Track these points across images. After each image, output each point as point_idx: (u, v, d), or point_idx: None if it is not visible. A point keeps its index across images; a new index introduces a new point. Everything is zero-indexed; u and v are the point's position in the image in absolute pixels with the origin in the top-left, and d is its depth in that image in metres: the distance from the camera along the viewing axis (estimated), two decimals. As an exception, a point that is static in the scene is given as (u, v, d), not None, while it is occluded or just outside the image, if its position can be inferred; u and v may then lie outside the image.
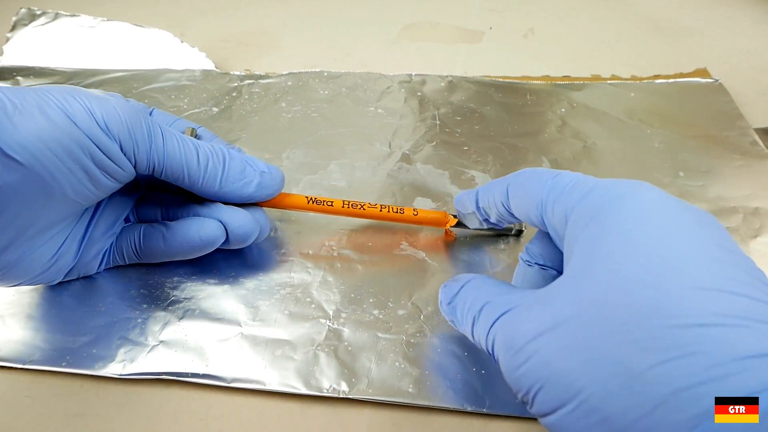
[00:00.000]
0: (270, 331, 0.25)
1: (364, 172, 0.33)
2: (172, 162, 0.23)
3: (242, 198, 0.25)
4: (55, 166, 0.20)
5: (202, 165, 0.24)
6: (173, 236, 0.25)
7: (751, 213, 0.30)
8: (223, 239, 0.25)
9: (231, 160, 0.25)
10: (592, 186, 0.19)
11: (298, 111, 0.37)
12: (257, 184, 0.25)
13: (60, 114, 0.21)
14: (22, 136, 0.20)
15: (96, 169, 0.22)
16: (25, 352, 0.24)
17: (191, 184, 0.24)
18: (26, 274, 0.23)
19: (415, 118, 0.37)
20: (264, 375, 0.23)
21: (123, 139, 0.22)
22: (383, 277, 0.27)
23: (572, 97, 0.39)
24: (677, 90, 0.40)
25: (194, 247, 0.25)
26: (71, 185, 0.21)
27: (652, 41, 0.46)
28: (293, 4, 0.51)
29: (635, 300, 0.15)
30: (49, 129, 0.20)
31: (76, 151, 0.21)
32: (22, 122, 0.20)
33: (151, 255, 0.26)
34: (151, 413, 0.23)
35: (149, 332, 0.25)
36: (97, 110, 0.21)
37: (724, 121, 0.37)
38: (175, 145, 0.24)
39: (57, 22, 0.43)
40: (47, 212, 0.22)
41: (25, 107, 0.20)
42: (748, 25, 0.48)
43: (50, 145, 0.20)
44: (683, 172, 0.33)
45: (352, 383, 0.23)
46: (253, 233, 0.26)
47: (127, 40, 0.42)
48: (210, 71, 0.41)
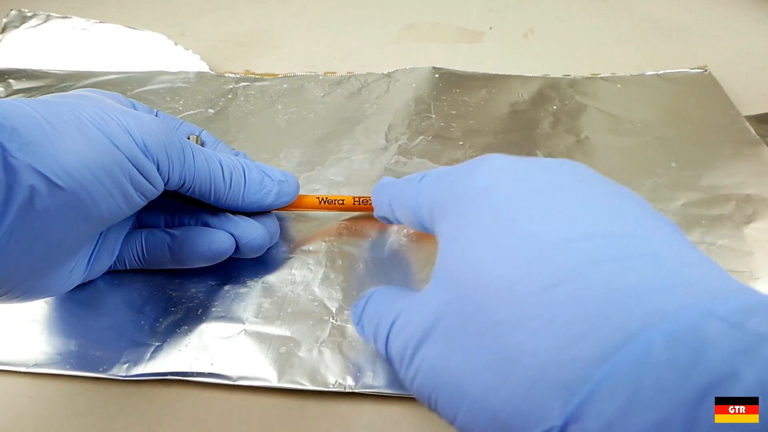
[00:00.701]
0: (274, 328, 0.25)
1: (362, 165, 0.33)
2: (200, 179, 0.24)
3: (262, 208, 0.26)
4: (96, 190, 0.20)
5: (227, 180, 0.24)
6: (180, 247, 0.25)
7: (743, 200, 0.31)
8: (233, 250, 0.25)
9: (249, 172, 0.25)
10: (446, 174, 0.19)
11: (295, 112, 0.38)
12: (276, 193, 0.26)
13: (99, 135, 0.20)
14: (65, 160, 0.19)
15: (132, 189, 0.21)
16: (29, 356, 0.24)
17: (216, 199, 0.25)
18: (44, 293, 0.23)
19: (410, 112, 0.37)
20: (269, 372, 0.23)
21: (160, 158, 0.22)
22: (384, 273, 0.27)
23: (564, 93, 0.39)
24: (666, 82, 0.40)
25: (203, 259, 0.25)
26: (108, 207, 0.21)
27: (652, 41, 0.47)
28: (293, 4, 0.51)
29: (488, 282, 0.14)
30: (91, 152, 0.20)
31: (117, 174, 0.21)
32: (63, 145, 0.19)
33: (155, 263, 0.26)
34: (151, 413, 0.23)
35: (153, 333, 0.25)
36: (135, 130, 0.21)
37: (715, 110, 0.38)
38: (204, 162, 0.24)
39: (48, 24, 0.42)
40: (80, 235, 0.22)
41: (63, 128, 0.20)
42: (748, 25, 0.48)
43: (93, 169, 0.20)
44: (675, 162, 0.34)
45: (357, 377, 0.23)
46: (265, 244, 0.26)
47: (120, 43, 0.42)
48: (204, 73, 0.41)
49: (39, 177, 0.19)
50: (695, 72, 0.41)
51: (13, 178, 0.18)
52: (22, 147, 0.18)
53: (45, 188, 0.19)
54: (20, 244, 0.19)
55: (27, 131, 0.19)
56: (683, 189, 0.32)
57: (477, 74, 0.41)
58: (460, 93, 0.39)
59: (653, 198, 0.31)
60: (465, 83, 0.40)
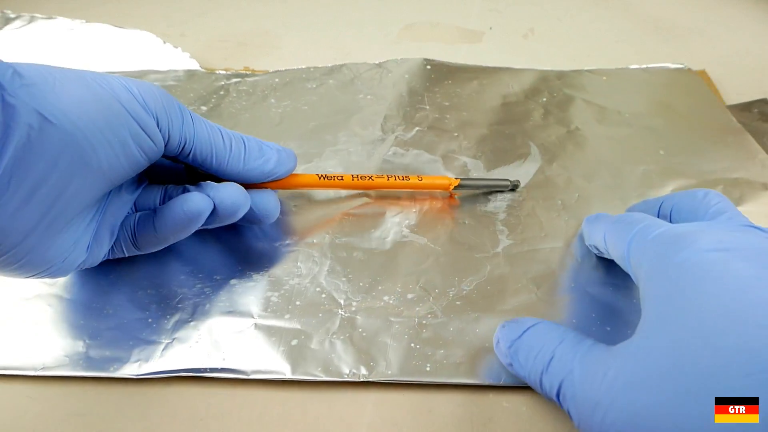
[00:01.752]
0: (284, 321, 0.25)
1: (360, 157, 0.34)
2: (201, 141, 0.24)
3: (264, 174, 0.26)
4: (95, 136, 0.20)
5: (227, 145, 0.25)
6: (162, 219, 0.25)
7: (731, 183, 0.32)
8: (209, 211, 0.25)
9: (248, 141, 0.26)
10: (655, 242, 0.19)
11: (288, 106, 0.38)
12: (276, 160, 0.27)
13: (98, 87, 0.21)
14: (64, 104, 0.20)
15: (132, 142, 0.22)
16: (36, 359, 0.24)
17: (218, 164, 0.25)
18: (44, 264, 0.22)
19: (404, 103, 0.38)
20: (283, 365, 0.23)
21: (159, 114, 0.22)
22: (388, 264, 0.28)
23: (552, 85, 0.40)
24: (650, 75, 0.42)
25: (180, 222, 0.24)
26: (107, 158, 0.21)
27: (652, 41, 0.47)
28: (293, 4, 0.51)
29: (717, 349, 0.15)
30: (91, 100, 0.20)
31: (116, 123, 0.21)
32: (63, 91, 0.20)
33: (146, 243, 0.25)
34: (151, 413, 0.23)
35: (161, 331, 0.25)
36: (134, 87, 0.22)
37: (698, 100, 0.39)
38: (203, 126, 0.24)
39: (33, 25, 0.42)
40: (82, 187, 0.21)
41: (64, 78, 0.20)
42: (748, 25, 0.49)
43: (91, 114, 0.20)
44: (663, 150, 0.35)
45: (370, 367, 0.23)
46: (242, 205, 0.25)
47: (108, 42, 0.41)
48: (195, 71, 0.40)
49: (37, 116, 0.19)
50: (675, 67, 0.42)
51: (11, 116, 0.18)
52: (22, 87, 0.19)
53: (43, 128, 0.19)
54: (20, 188, 0.19)
55: (29, 75, 0.19)
56: (673, 176, 0.33)
57: (468, 66, 0.41)
58: (452, 85, 0.40)
59: (645, 185, 0.32)
60: (456, 75, 0.41)
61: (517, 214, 0.30)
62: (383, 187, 0.30)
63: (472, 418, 0.22)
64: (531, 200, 0.31)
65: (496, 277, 0.27)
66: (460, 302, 0.26)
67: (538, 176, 0.33)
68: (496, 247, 0.29)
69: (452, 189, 0.31)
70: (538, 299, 0.26)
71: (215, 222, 0.26)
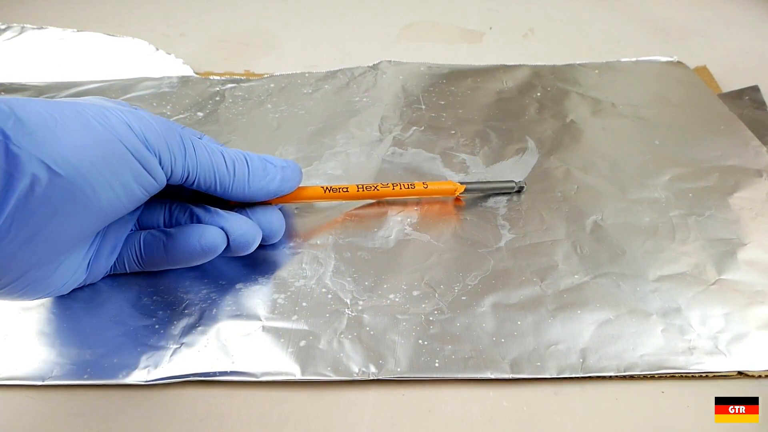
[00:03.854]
0: (291, 323, 0.25)
1: (359, 158, 0.34)
2: (204, 171, 0.24)
3: (269, 194, 0.26)
4: (96, 180, 0.20)
5: (230, 169, 0.25)
6: (174, 244, 0.25)
7: (725, 171, 0.32)
8: (224, 246, 0.25)
9: (252, 161, 0.26)
10: None
11: (285, 110, 0.38)
12: (281, 178, 0.26)
13: (100, 128, 0.21)
14: (66, 149, 0.20)
15: (134, 182, 0.22)
16: (44, 369, 0.23)
17: (222, 190, 0.25)
18: (45, 289, 0.23)
19: (400, 104, 0.38)
20: (292, 366, 0.23)
21: (162, 151, 0.22)
22: (393, 263, 0.28)
23: (545, 80, 0.41)
24: (640, 67, 0.42)
25: (195, 255, 0.25)
26: (108, 199, 0.21)
27: (652, 41, 0.47)
28: (293, 4, 0.51)
29: None
30: (92, 143, 0.20)
31: (117, 165, 0.21)
32: (65, 136, 0.20)
33: (153, 264, 0.26)
34: (151, 413, 0.23)
35: (169, 336, 0.25)
36: (135, 124, 0.22)
37: (689, 90, 0.39)
38: (205, 153, 0.24)
39: (24, 36, 0.41)
40: (80, 227, 0.22)
41: (65, 121, 0.20)
42: (748, 25, 0.49)
43: (93, 159, 0.20)
44: (658, 140, 0.35)
45: (379, 365, 0.23)
46: (254, 241, 0.26)
47: (100, 51, 0.41)
48: (189, 77, 0.40)
49: (40, 165, 0.19)
50: (666, 60, 0.43)
51: (15, 166, 0.19)
52: (25, 136, 0.19)
53: (46, 177, 0.19)
54: (20, 233, 0.19)
55: (30, 122, 0.19)
56: (669, 165, 0.33)
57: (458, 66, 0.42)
58: (447, 84, 0.40)
59: (642, 174, 0.33)
60: (450, 74, 0.41)
61: (518, 208, 0.31)
62: (389, 196, 0.30)
63: (472, 417, 0.22)
64: (531, 194, 0.31)
65: (500, 272, 0.27)
66: (465, 297, 0.26)
67: (536, 170, 0.33)
68: (498, 242, 0.29)
69: (458, 194, 0.31)
70: (543, 292, 0.26)
71: (225, 254, 0.26)
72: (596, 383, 0.23)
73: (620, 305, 0.25)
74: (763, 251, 0.28)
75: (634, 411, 0.22)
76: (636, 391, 0.23)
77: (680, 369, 0.23)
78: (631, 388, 0.23)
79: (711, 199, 0.31)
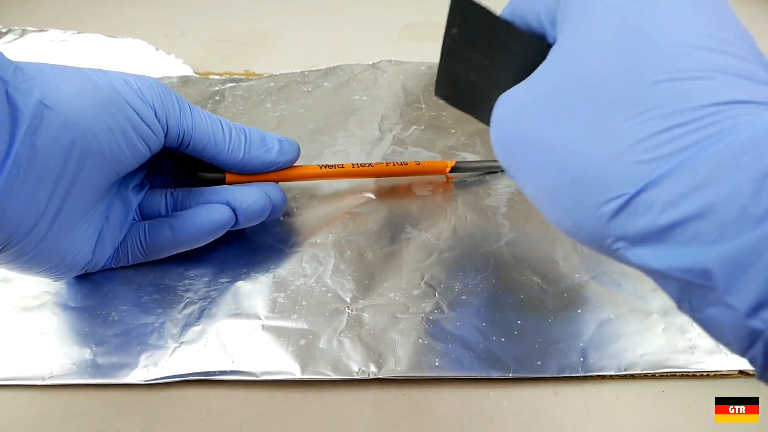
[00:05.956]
0: (291, 322, 0.25)
1: (359, 157, 0.34)
2: (200, 131, 0.25)
3: (265, 164, 0.27)
4: (96, 122, 0.22)
5: (226, 134, 0.25)
6: (182, 224, 0.25)
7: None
8: (234, 221, 0.26)
9: (250, 131, 0.26)
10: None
11: (285, 109, 0.38)
12: (278, 150, 0.27)
13: (97, 78, 0.22)
14: (65, 92, 0.21)
15: (132, 131, 0.23)
16: (44, 368, 0.24)
17: (217, 152, 0.25)
18: (53, 257, 0.23)
19: (400, 103, 0.38)
20: (292, 365, 0.23)
21: (157, 105, 0.23)
22: (393, 261, 0.28)
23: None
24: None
25: (204, 232, 0.25)
26: (109, 144, 0.22)
27: None
28: (293, 4, 0.51)
29: (607, 64, 0.15)
30: (90, 90, 0.22)
31: (115, 112, 0.22)
32: (64, 82, 0.21)
33: (157, 249, 0.26)
34: (151, 413, 0.23)
35: (168, 335, 0.25)
36: (132, 80, 0.23)
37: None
38: (202, 116, 0.25)
39: (25, 38, 0.41)
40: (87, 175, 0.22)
41: (65, 72, 0.22)
42: (748, 25, 0.49)
43: (92, 103, 0.21)
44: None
45: (379, 364, 0.23)
46: (266, 208, 0.26)
47: (101, 52, 0.41)
48: (188, 77, 0.40)
49: (41, 106, 0.20)
50: None
51: (16, 107, 0.20)
52: (24, 81, 0.20)
53: (48, 117, 0.20)
54: (30, 174, 0.20)
55: (30, 70, 0.21)
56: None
57: None
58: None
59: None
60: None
61: (518, 207, 0.31)
62: (383, 174, 0.31)
63: (472, 417, 0.22)
64: (531, 193, 0.31)
65: (500, 271, 0.27)
66: (465, 297, 0.26)
67: (536, 169, 0.33)
68: (499, 241, 0.29)
69: (448, 172, 0.31)
70: (543, 290, 0.26)
71: (235, 227, 0.26)
72: (596, 383, 0.23)
73: (621, 304, 0.25)
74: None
75: (634, 411, 0.22)
76: (636, 391, 0.23)
77: (681, 368, 0.23)
78: (631, 387, 0.23)
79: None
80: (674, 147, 0.13)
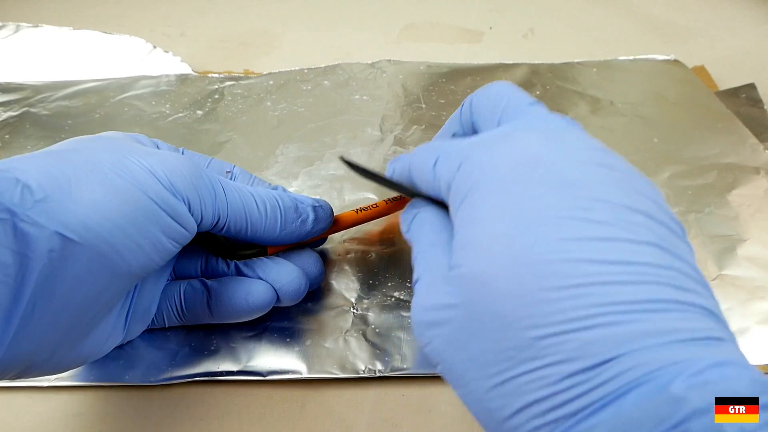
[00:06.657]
0: (296, 323, 0.25)
1: (360, 159, 0.34)
2: (235, 213, 0.22)
3: (301, 236, 0.24)
4: (123, 244, 0.18)
5: (261, 211, 0.22)
6: (218, 302, 0.23)
7: (724, 168, 0.33)
8: (274, 301, 0.23)
9: (282, 200, 0.23)
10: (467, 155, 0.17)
11: (285, 108, 0.38)
12: (313, 219, 0.24)
13: (120, 181, 0.18)
14: (85, 214, 0.17)
15: (164, 237, 0.19)
16: (48, 370, 0.23)
17: (253, 233, 0.23)
18: (79, 361, 0.21)
19: (401, 102, 0.38)
20: (299, 365, 0.23)
21: (191, 197, 0.20)
22: (396, 261, 0.28)
23: (545, 78, 0.41)
24: (638, 65, 0.42)
25: (242, 313, 0.23)
26: (137, 260, 0.19)
27: (652, 41, 0.47)
28: (293, 4, 0.51)
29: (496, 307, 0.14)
30: (114, 201, 0.18)
31: (144, 222, 0.19)
32: (81, 198, 0.18)
33: (196, 319, 0.24)
34: (151, 413, 0.23)
35: (175, 339, 0.24)
36: (159, 170, 0.19)
37: (686, 89, 0.40)
38: (236, 195, 0.22)
39: (19, 34, 0.41)
40: (109, 294, 0.19)
41: (80, 178, 0.18)
42: (748, 25, 0.49)
43: (116, 221, 0.18)
44: (657, 138, 0.35)
45: (386, 362, 0.23)
46: (302, 287, 0.24)
47: (96, 49, 0.41)
48: (187, 75, 0.40)
49: (57, 238, 0.17)
50: (663, 58, 0.43)
51: (27, 245, 0.16)
52: (35, 205, 0.17)
53: (65, 250, 0.17)
54: (45, 316, 0.17)
55: (39, 186, 0.17)
56: (668, 162, 0.33)
57: (458, 65, 0.42)
58: (447, 83, 0.40)
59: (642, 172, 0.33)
60: (450, 73, 0.41)
61: (519, 206, 0.31)
62: None
63: (471, 417, 0.22)
64: (532, 192, 0.32)
65: (503, 269, 0.27)
66: (470, 295, 0.26)
67: (537, 168, 0.33)
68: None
69: None
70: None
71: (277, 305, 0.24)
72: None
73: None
74: (762, 247, 0.28)
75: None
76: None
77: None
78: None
79: (710, 196, 0.31)
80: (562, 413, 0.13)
